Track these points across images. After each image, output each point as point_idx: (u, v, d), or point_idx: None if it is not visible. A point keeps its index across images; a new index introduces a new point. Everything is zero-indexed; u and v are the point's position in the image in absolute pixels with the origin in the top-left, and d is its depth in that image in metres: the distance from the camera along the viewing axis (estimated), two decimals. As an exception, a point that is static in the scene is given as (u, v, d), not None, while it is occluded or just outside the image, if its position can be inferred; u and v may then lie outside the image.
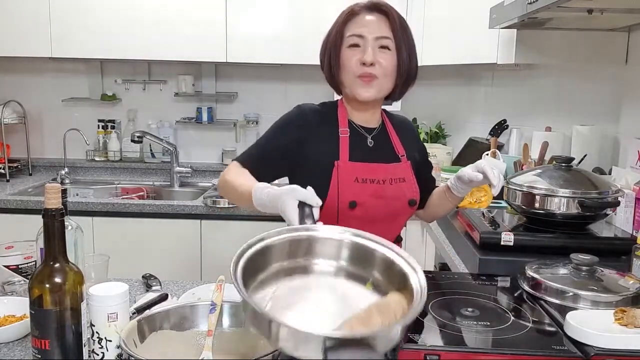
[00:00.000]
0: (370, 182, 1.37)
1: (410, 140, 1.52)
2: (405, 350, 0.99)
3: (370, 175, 1.38)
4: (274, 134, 1.44)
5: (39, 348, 0.93)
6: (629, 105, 2.24)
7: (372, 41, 1.34)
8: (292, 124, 1.43)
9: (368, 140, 1.44)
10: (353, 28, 1.37)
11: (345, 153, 1.38)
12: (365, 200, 1.36)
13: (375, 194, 1.37)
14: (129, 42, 2.78)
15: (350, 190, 1.35)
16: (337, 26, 1.40)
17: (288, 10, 2.76)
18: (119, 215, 2.58)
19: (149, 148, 3.22)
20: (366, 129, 1.45)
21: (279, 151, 1.40)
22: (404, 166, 1.45)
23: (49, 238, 0.93)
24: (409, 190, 1.43)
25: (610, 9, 1.75)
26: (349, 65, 1.36)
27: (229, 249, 3.01)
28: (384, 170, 1.41)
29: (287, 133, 1.42)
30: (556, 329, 1.08)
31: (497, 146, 2.53)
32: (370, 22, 1.36)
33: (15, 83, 3.21)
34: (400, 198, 1.41)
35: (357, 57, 1.35)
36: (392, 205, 1.40)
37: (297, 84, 3.17)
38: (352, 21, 1.38)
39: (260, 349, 1.00)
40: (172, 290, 1.40)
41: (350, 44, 1.36)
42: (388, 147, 1.46)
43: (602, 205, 1.61)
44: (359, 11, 1.38)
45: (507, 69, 2.79)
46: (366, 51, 1.34)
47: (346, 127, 1.42)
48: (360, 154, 1.40)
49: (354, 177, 1.37)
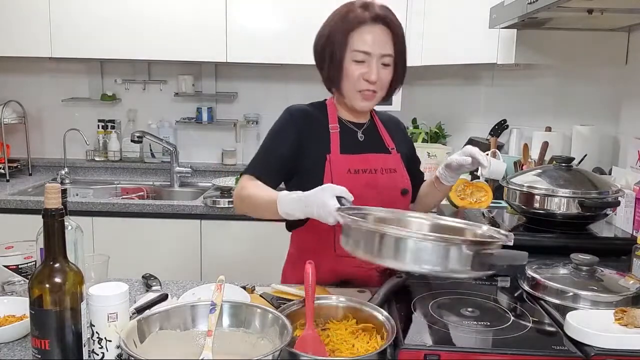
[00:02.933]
0: (362, 172, 1.42)
1: (399, 135, 1.57)
2: (405, 350, 0.99)
3: (362, 165, 1.42)
4: (274, 141, 1.45)
5: (39, 348, 0.93)
6: (629, 105, 2.24)
7: (376, 58, 1.37)
8: (288, 128, 1.46)
9: (358, 135, 1.49)
10: (358, 42, 1.36)
11: (336, 146, 1.43)
12: (359, 190, 1.36)
13: (368, 184, 1.41)
14: (129, 42, 2.78)
15: (344, 181, 1.35)
16: (341, 33, 1.38)
17: (288, 10, 2.76)
18: (119, 215, 2.58)
19: (149, 148, 3.22)
20: (355, 124, 1.50)
21: (283, 156, 1.43)
22: (395, 157, 1.50)
23: (49, 238, 0.93)
24: (400, 181, 1.47)
25: (610, 9, 1.75)
26: (352, 79, 1.39)
27: (229, 249, 3.02)
28: (375, 160, 1.45)
29: (286, 137, 1.44)
30: (556, 329, 1.07)
31: (497, 146, 2.53)
32: (375, 38, 1.37)
33: (15, 83, 3.21)
34: (393, 188, 1.45)
35: (360, 72, 1.37)
36: (385, 194, 1.43)
37: (297, 84, 3.16)
38: (356, 31, 1.37)
39: (260, 349, 1.00)
40: (172, 290, 1.40)
41: (355, 59, 1.37)
42: (378, 139, 1.51)
43: (602, 205, 1.61)
44: (364, 21, 1.37)
45: (507, 69, 2.79)
46: (371, 69, 1.37)
47: (336, 123, 1.47)
48: (352, 146, 1.45)
49: (346, 169, 1.41)
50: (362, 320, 1.11)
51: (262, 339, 1.02)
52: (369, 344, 1.03)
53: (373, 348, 1.01)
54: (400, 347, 1.00)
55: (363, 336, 1.06)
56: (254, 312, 1.06)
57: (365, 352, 1.00)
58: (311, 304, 1.07)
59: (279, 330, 0.99)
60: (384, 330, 1.05)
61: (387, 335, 1.02)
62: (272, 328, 1.02)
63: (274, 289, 1.34)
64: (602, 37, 2.24)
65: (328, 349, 1.02)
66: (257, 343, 1.02)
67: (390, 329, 1.03)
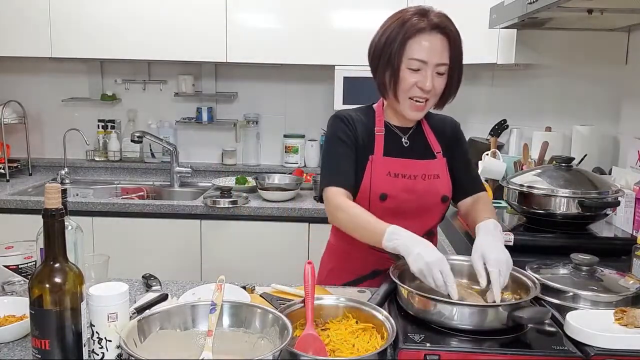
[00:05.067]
0: (402, 177, 1.43)
1: (448, 136, 1.54)
2: (405, 350, 0.99)
3: (402, 170, 1.44)
4: (338, 147, 1.45)
5: (39, 348, 0.93)
6: (629, 105, 2.24)
7: (431, 67, 1.36)
8: (343, 131, 1.46)
9: (403, 140, 1.49)
10: (416, 50, 1.35)
11: (380, 148, 1.45)
12: (397, 193, 1.42)
13: (406, 188, 1.43)
14: (129, 42, 2.78)
15: (382, 183, 1.42)
16: (398, 41, 1.36)
17: (288, 10, 2.76)
18: (119, 215, 2.58)
19: (149, 148, 3.22)
20: (401, 129, 1.50)
21: (351, 159, 1.44)
22: (440, 163, 1.49)
23: (49, 238, 0.93)
24: (442, 187, 1.47)
25: (610, 9, 1.75)
26: (406, 86, 1.38)
27: (229, 249, 3.02)
28: (418, 166, 1.46)
29: (346, 140, 1.45)
30: (556, 329, 1.07)
31: (497, 146, 2.53)
32: (433, 46, 1.36)
33: (15, 83, 3.21)
34: (433, 194, 1.46)
35: (415, 80, 1.37)
36: (424, 199, 1.44)
37: (297, 84, 3.16)
38: (414, 39, 1.36)
39: (260, 349, 1.00)
40: (172, 290, 1.40)
41: (411, 67, 1.37)
42: (423, 144, 1.51)
43: (602, 205, 1.61)
44: (424, 29, 1.35)
45: (507, 69, 2.79)
46: (427, 78, 1.36)
47: (382, 126, 1.48)
48: (395, 150, 1.46)
49: (386, 171, 1.43)
50: (362, 320, 1.11)
51: (262, 339, 1.02)
52: (369, 344, 1.03)
53: (373, 348, 1.01)
54: (400, 347, 1.00)
55: (363, 336, 1.06)
56: (254, 312, 1.06)
57: (365, 352, 1.00)
58: (311, 304, 1.07)
59: (279, 330, 0.99)
60: (384, 330, 1.05)
61: (387, 335, 1.02)
62: (272, 328, 1.01)
63: (274, 289, 1.34)
64: (602, 37, 2.24)
65: (328, 349, 1.02)
66: (257, 343, 1.01)
67: (390, 329, 1.03)
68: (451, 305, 1.08)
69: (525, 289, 1.18)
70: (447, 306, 1.08)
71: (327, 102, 3.00)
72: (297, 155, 3.16)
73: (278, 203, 2.65)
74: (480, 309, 1.09)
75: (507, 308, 1.06)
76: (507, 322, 1.06)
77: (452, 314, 1.07)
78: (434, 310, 1.09)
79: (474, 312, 1.07)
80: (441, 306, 1.08)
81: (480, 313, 1.07)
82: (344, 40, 2.72)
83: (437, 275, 1.14)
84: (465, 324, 1.06)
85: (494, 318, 1.06)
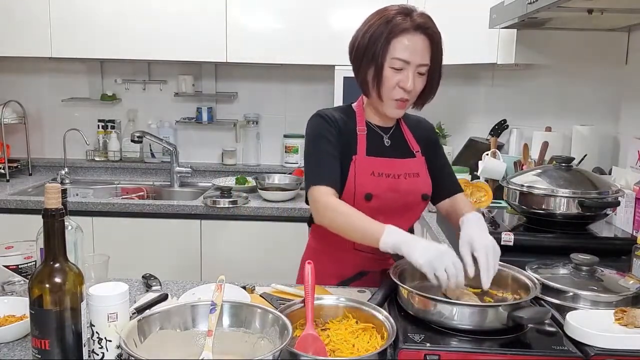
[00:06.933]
0: (385, 176, 1.43)
1: (425, 137, 1.56)
2: (405, 350, 0.99)
3: (386, 169, 1.44)
4: (322, 146, 1.43)
5: (39, 348, 0.93)
6: (628, 105, 2.24)
7: (413, 67, 1.37)
8: (327, 130, 1.44)
9: (385, 140, 1.49)
10: (399, 50, 1.35)
11: (362, 148, 1.45)
12: (381, 193, 1.41)
13: (390, 187, 1.43)
14: (129, 42, 2.78)
15: (366, 182, 1.42)
16: (382, 40, 1.36)
17: (288, 11, 2.76)
18: (119, 215, 2.58)
19: (149, 148, 3.22)
20: (382, 128, 1.50)
21: (335, 157, 1.43)
22: (419, 161, 1.50)
23: (49, 238, 0.93)
24: (423, 185, 1.48)
25: (610, 9, 1.75)
26: (388, 85, 1.39)
27: (229, 249, 3.02)
28: (399, 165, 1.46)
29: (330, 139, 1.43)
30: (556, 329, 1.07)
31: (497, 146, 2.53)
32: (415, 47, 1.36)
33: (15, 83, 3.21)
34: (414, 192, 1.46)
35: (397, 79, 1.37)
36: (406, 198, 1.45)
37: (297, 84, 3.16)
38: (398, 39, 1.35)
39: (260, 349, 1.00)
40: (172, 290, 1.40)
41: (393, 66, 1.37)
42: (403, 143, 1.51)
43: (602, 205, 1.61)
44: (408, 29, 1.35)
45: (507, 69, 2.79)
46: (408, 78, 1.37)
47: (364, 125, 1.48)
48: (377, 150, 1.46)
49: (370, 171, 1.43)
50: (362, 320, 1.11)
51: (262, 339, 1.02)
52: (369, 344, 1.03)
53: (373, 348, 1.01)
54: (400, 347, 1.00)
55: (363, 336, 1.06)
56: (254, 312, 1.06)
57: (365, 352, 1.00)
58: (311, 304, 1.07)
59: (279, 330, 0.99)
60: (384, 330, 1.05)
61: (387, 335, 1.02)
62: (272, 328, 1.01)
63: (274, 289, 1.34)
64: (602, 37, 2.24)
65: (328, 349, 1.02)
66: (257, 343, 1.01)
67: (390, 329, 1.03)
68: (451, 305, 1.08)
69: (525, 289, 1.19)
70: (447, 306, 1.08)
71: (327, 102, 3.00)
72: (297, 155, 3.16)
73: (278, 203, 2.65)
74: (480, 309, 1.09)
75: (507, 308, 1.07)
76: (507, 322, 1.06)
77: (452, 314, 1.07)
78: (434, 310, 1.09)
79: (474, 312, 1.07)
80: (441, 306, 1.08)
81: (480, 313, 1.08)
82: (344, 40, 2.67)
83: (449, 264, 1.12)
84: (465, 324, 1.07)
85: (494, 318, 1.07)
